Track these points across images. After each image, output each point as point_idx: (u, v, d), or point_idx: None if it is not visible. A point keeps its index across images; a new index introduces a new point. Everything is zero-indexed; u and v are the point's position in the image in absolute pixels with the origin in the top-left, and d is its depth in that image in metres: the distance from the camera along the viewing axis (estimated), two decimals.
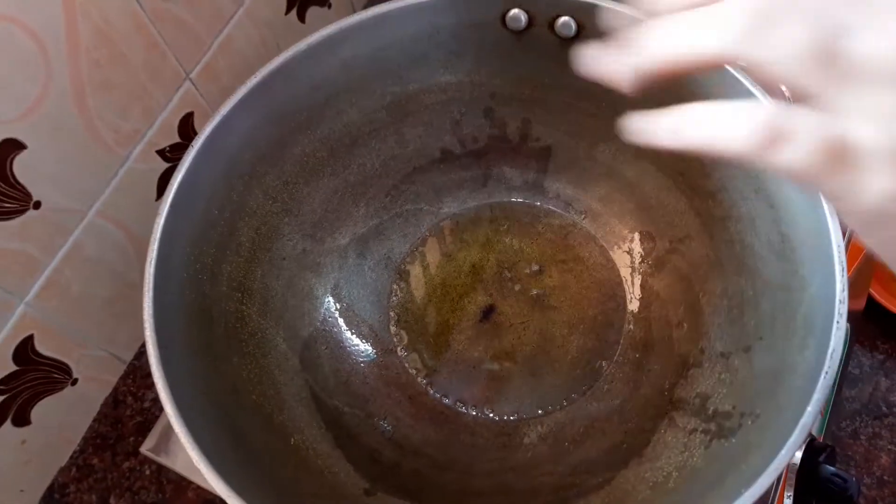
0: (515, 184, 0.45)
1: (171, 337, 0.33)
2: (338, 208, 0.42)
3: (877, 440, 0.54)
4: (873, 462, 0.53)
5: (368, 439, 0.37)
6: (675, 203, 0.40)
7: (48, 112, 0.48)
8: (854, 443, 0.54)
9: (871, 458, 0.53)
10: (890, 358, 0.57)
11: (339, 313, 0.41)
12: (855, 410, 0.55)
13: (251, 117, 0.38)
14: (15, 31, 0.44)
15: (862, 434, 0.54)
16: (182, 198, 0.35)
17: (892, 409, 0.55)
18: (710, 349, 0.36)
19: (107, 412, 0.62)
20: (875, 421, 0.54)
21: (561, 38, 0.40)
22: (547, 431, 0.38)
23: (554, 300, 0.42)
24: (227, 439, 0.31)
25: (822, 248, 0.31)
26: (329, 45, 0.39)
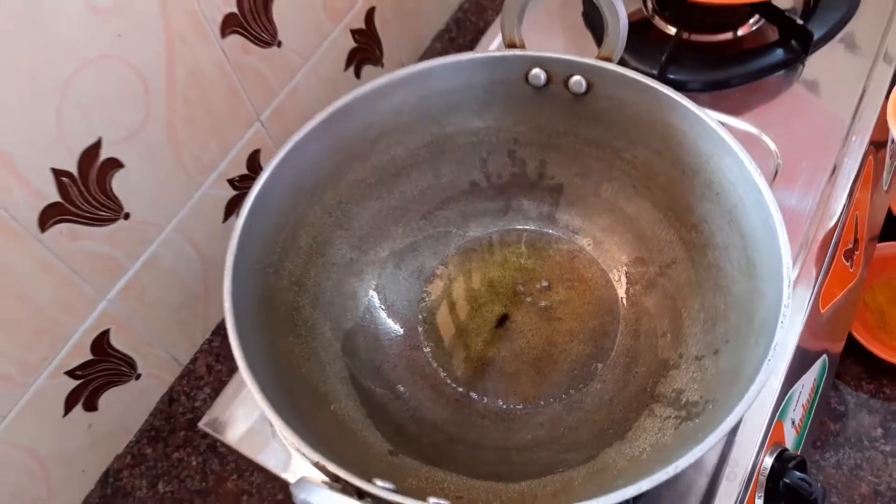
0: (531, 214, 0.53)
1: (242, 315, 0.40)
2: (381, 226, 0.51)
3: (858, 471, 0.58)
4: (854, 490, 0.58)
5: (394, 415, 0.44)
6: (665, 234, 0.47)
7: (145, 138, 0.57)
8: (837, 472, 0.58)
9: (852, 486, 0.58)
10: (873, 397, 0.62)
11: (376, 312, 0.49)
12: (839, 443, 0.60)
13: (316, 146, 0.47)
14: (126, 70, 0.54)
15: (844, 465, 0.59)
16: (257, 206, 0.43)
17: (874, 444, 0.59)
18: (687, 354, 0.43)
19: (162, 408, 0.70)
20: (857, 453, 0.59)
21: (574, 94, 0.48)
22: (546, 419, 0.44)
23: (559, 312, 0.49)
24: (281, 398, 0.38)
25: (777, 268, 0.37)
26: (383, 92, 0.48)
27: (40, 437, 0.59)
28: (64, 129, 0.51)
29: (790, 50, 0.61)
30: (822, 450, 0.59)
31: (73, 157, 0.52)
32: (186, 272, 0.67)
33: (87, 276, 0.57)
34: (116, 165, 0.56)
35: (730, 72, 0.61)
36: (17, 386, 0.55)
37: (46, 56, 0.48)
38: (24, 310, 0.53)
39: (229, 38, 0.61)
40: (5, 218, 0.49)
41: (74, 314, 0.58)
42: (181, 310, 0.68)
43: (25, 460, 0.58)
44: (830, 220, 0.52)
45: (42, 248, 0.53)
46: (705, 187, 0.44)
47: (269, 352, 0.40)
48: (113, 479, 0.66)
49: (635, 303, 0.48)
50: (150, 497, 0.65)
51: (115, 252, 0.59)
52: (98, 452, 0.66)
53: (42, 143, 0.50)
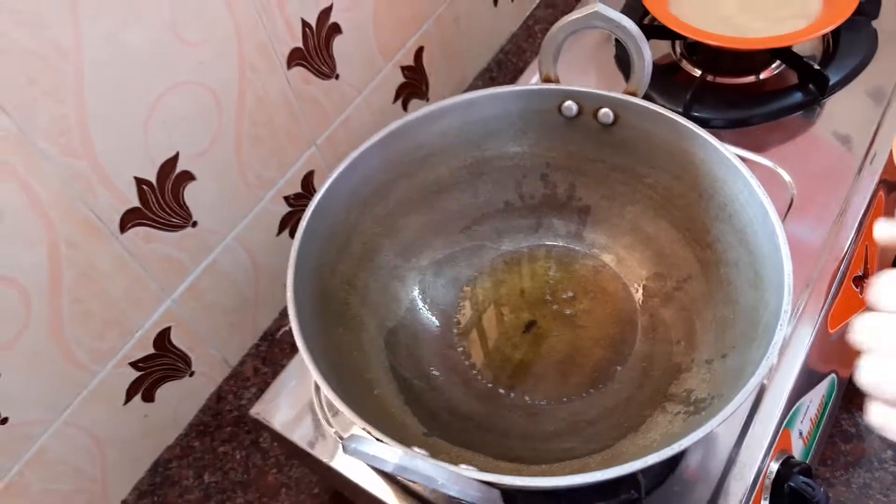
0: (560, 232, 0.58)
1: (300, 304, 0.45)
2: (423, 237, 0.56)
3: (867, 489, 0.60)
4: None
5: (429, 404, 0.48)
6: (682, 251, 0.51)
7: (215, 154, 0.64)
8: (846, 490, 0.61)
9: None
10: None
11: (416, 313, 0.54)
12: (849, 462, 0.62)
13: (370, 163, 0.52)
14: (204, 93, 0.60)
15: (854, 483, 0.61)
16: (318, 212, 0.49)
17: (883, 465, 0.62)
18: (699, 358, 0.47)
19: (210, 405, 0.75)
20: (866, 473, 0.61)
21: (602, 124, 0.54)
22: (568, 414, 0.48)
23: (582, 321, 0.53)
24: (332, 379, 0.43)
25: (779, 278, 0.42)
26: (431, 118, 0.54)
27: (101, 422, 0.64)
28: (149, 143, 0.58)
29: (808, 93, 0.66)
30: (832, 468, 0.62)
31: (154, 168, 0.59)
32: (241, 279, 0.73)
33: (156, 275, 0.63)
34: (189, 178, 0.63)
35: (751, 111, 0.66)
36: (87, 373, 0.61)
37: (140, 79, 0.55)
38: (100, 303, 0.59)
39: (294, 69, 0.68)
40: (91, 219, 0.56)
41: (142, 310, 0.64)
42: (233, 314, 0.74)
43: (86, 442, 0.64)
44: (840, 247, 0.56)
45: (120, 248, 0.59)
46: (719, 209, 0.48)
47: (322, 339, 0.45)
48: (162, 468, 0.72)
49: (653, 314, 0.52)
50: (195, 486, 0.70)
51: (181, 255, 0.65)
52: (150, 442, 0.71)
53: (129, 153, 0.56)
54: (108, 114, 0.54)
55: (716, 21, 0.67)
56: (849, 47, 0.69)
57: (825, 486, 0.62)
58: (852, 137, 0.64)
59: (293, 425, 0.55)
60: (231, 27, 0.60)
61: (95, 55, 0.51)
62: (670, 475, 0.48)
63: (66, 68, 0.50)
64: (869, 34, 0.69)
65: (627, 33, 0.49)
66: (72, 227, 0.55)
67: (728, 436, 0.49)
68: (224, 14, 0.59)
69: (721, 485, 0.48)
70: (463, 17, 0.90)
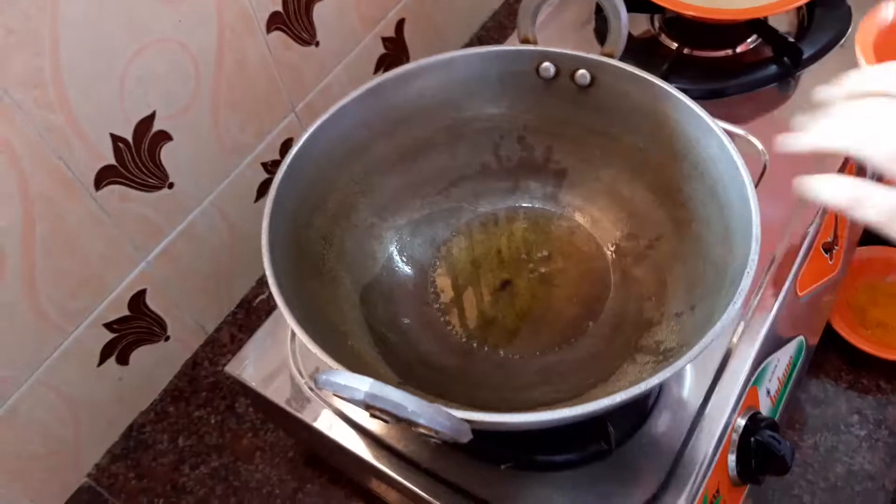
0: (537, 194, 0.58)
1: (276, 254, 0.45)
2: (401, 198, 0.56)
3: (833, 452, 0.62)
4: (829, 470, 0.61)
5: (404, 357, 0.49)
6: (656, 212, 0.52)
7: (192, 115, 0.64)
8: (814, 452, 0.62)
9: (827, 466, 0.61)
10: (851, 387, 0.66)
11: (392, 272, 0.54)
12: (816, 426, 0.63)
13: (347, 120, 0.52)
14: (182, 53, 0.60)
15: (821, 446, 0.62)
16: (294, 165, 0.49)
17: (850, 429, 0.63)
18: (669, 312, 0.48)
19: (186, 371, 0.75)
20: (834, 436, 0.63)
21: (579, 86, 0.54)
22: (540, 368, 0.49)
23: (557, 280, 0.54)
24: (309, 329, 0.43)
25: (748, 230, 0.42)
26: (409, 78, 0.54)
27: (74, 383, 0.64)
28: (125, 100, 0.57)
29: (782, 65, 0.67)
30: (800, 432, 0.63)
31: (130, 126, 0.59)
32: (218, 245, 0.73)
33: (131, 236, 0.63)
34: (166, 138, 0.62)
35: (726, 83, 0.67)
36: (59, 332, 0.61)
37: (117, 34, 0.54)
38: (73, 260, 0.59)
39: (274, 33, 0.68)
40: (66, 173, 0.56)
41: (116, 270, 0.64)
42: (210, 280, 0.74)
43: (58, 403, 0.63)
44: (810, 214, 0.57)
45: (94, 205, 0.59)
46: (692, 168, 0.49)
47: (297, 291, 0.45)
48: (137, 432, 0.71)
49: (625, 272, 0.53)
50: (169, 450, 0.70)
51: (157, 217, 0.65)
52: (125, 406, 0.71)
53: (105, 110, 0.56)
54: (83, 68, 0.53)
55: None
56: (823, 21, 0.70)
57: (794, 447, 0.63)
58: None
59: (267, 382, 0.55)
60: None
61: (72, 8, 0.51)
62: (639, 429, 0.49)
63: (42, 20, 0.50)
64: (843, 9, 0.71)
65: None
66: (46, 181, 0.54)
67: (697, 392, 0.50)
68: None
69: (689, 438, 0.48)
70: None
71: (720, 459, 0.49)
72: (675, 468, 0.48)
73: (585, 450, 0.48)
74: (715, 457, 0.48)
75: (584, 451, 0.48)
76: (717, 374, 0.50)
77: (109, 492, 0.68)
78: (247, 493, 0.66)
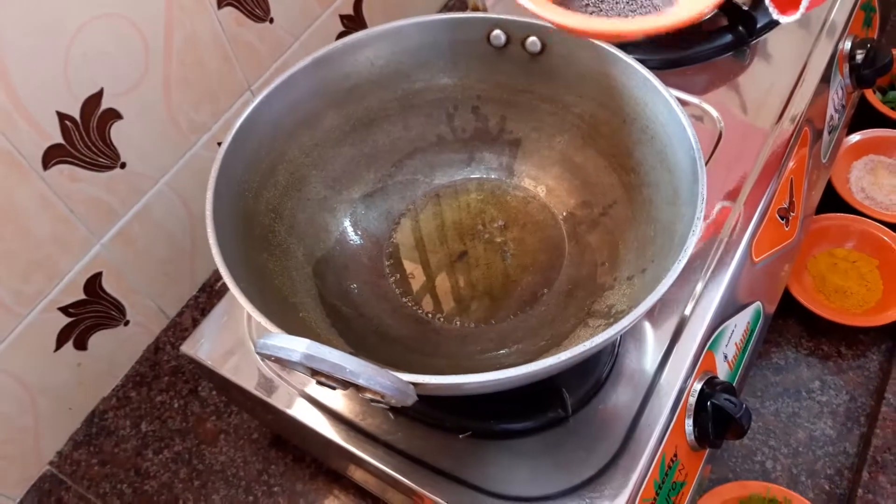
0: (492, 165, 0.58)
1: (222, 229, 0.45)
2: (354, 170, 0.56)
3: (795, 418, 0.62)
4: (791, 436, 0.62)
5: (358, 329, 0.48)
6: (608, 179, 0.52)
7: (143, 93, 0.62)
8: (775, 419, 0.63)
9: (789, 432, 0.62)
10: (811, 354, 0.66)
11: (346, 245, 0.54)
12: (778, 393, 0.64)
13: (296, 91, 0.52)
14: (128, 28, 0.59)
15: (783, 413, 0.63)
16: (240, 135, 0.48)
17: (811, 395, 0.64)
18: (621, 276, 0.47)
19: (148, 356, 0.74)
20: (795, 402, 0.63)
21: (530, 53, 0.54)
22: (495, 335, 0.49)
23: (512, 249, 0.54)
24: (256, 301, 0.43)
25: (695, 192, 0.42)
26: (359, 46, 0.53)
27: (31, 369, 0.63)
28: (69, 76, 0.56)
29: (737, 34, 0.67)
30: (762, 399, 0.64)
31: (77, 103, 0.58)
32: (176, 227, 0.72)
33: (83, 217, 0.62)
34: (115, 116, 0.61)
35: (683, 52, 0.67)
36: (12, 315, 0.60)
37: (58, 7, 0.53)
38: (23, 242, 0.58)
39: (225, 8, 0.67)
40: (11, 151, 0.54)
41: (70, 252, 0.62)
42: (169, 263, 0.73)
43: (15, 389, 0.62)
44: (765, 180, 0.57)
45: (43, 185, 0.58)
46: (641, 132, 0.49)
47: (246, 262, 0.45)
48: (98, 419, 0.70)
49: (579, 240, 0.52)
50: (133, 435, 0.69)
51: (110, 198, 0.64)
52: (85, 392, 0.70)
53: (49, 86, 0.55)
54: (25, 43, 0.52)
55: None
56: None
57: (756, 415, 0.63)
58: (779, 77, 0.65)
59: (224, 360, 0.54)
60: None
61: None
62: (596, 395, 0.49)
63: None
64: None
65: None
66: None
67: (653, 357, 0.50)
68: None
69: (645, 404, 0.48)
70: None
71: (677, 424, 0.49)
72: (631, 433, 0.48)
73: (543, 417, 0.48)
74: (671, 421, 0.49)
75: (541, 418, 0.48)
76: (673, 340, 0.50)
77: (72, 479, 0.67)
78: (211, 475, 0.65)
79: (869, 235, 0.71)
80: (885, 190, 0.74)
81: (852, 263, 0.70)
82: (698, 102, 0.62)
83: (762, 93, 0.64)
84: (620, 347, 0.50)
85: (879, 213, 0.72)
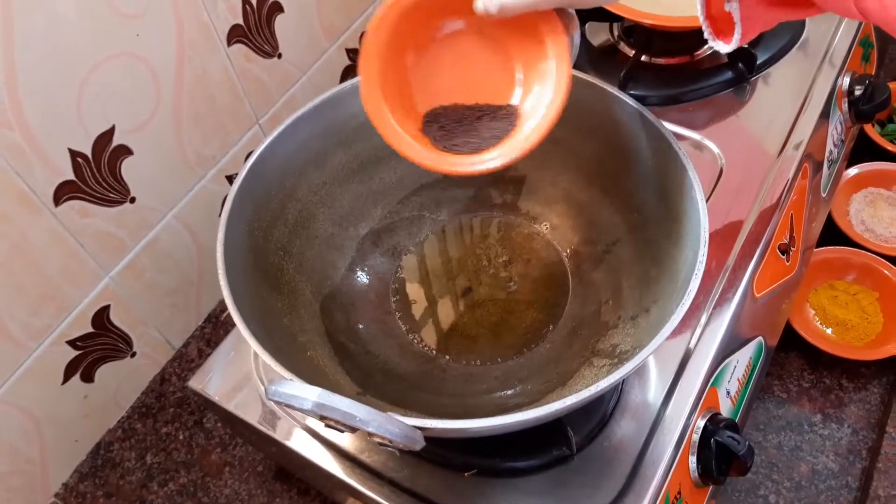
0: (497, 202, 0.59)
1: (232, 265, 0.45)
2: (361, 207, 0.56)
3: (797, 452, 0.63)
4: (794, 469, 0.62)
5: (364, 366, 0.49)
6: (612, 217, 0.53)
7: (153, 129, 0.63)
8: (778, 453, 0.63)
9: (792, 466, 0.62)
10: (813, 387, 0.67)
11: (353, 281, 0.54)
12: (780, 426, 0.64)
13: (306, 130, 0.53)
14: (141, 67, 0.60)
15: (785, 446, 0.63)
16: (251, 175, 0.49)
17: (813, 428, 0.64)
18: (625, 315, 0.48)
19: (154, 387, 0.74)
20: (797, 436, 0.64)
21: None
22: (501, 374, 0.49)
23: (517, 286, 0.55)
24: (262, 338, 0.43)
25: (697, 234, 0.43)
26: None
27: (39, 401, 0.63)
28: (82, 114, 0.57)
29: (737, 71, 0.68)
30: (764, 432, 0.64)
31: (89, 140, 0.59)
32: (183, 258, 0.73)
33: (93, 251, 0.63)
34: (126, 152, 0.62)
35: (683, 88, 0.68)
36: (21, 349, 0.60)
37: (73, 48, 0.54)
38: (33, 276, 0.59)
39: (235, 46, 0.68)
40: (24, 189, 0.55)
41: (79, 286, 0.63)
42: (176, 294, 0.74)
43: (23, 421, 0.63)
44: (765, 216, 0.58)
45: (54, 221, 0.58)
46: (643, 172, 0.50)
47: (254, 301, 0.45)
48: (104, 451, 0.71)
49: (583, 277, 0.53)
50: (138, 468, 0.69)
51: (120, 232, 0.65)
52: (91, 424, 0.70)
53: (62, 124, 0.56)
54: (40, 83, 0.53)
55: (648, 3, 0.69)
56: (776, 28, 0.71)
57: (758, 449, 0.63)
58: (779, 112, 0.66)
59: (231, 396, 0.54)
60: (168, 0, 0.59)
61: (27, 24, 0.50)
62: (601, 432, 0.49)
63: None
64: None
65: None
66: (4, 198, 0.54)
67: (657, 394, 0.50)
68: None
69: (649, 441, 0.49)
70: None
71: (681, 461, 0.50)
72: (636, 471, 0.48)
73: (548, 455, 0.48)
74: (675, 458, 0.49)
75: (546, 456, 0.48)
76: (677, 376, 0.51)
77: None
78: None
79: (869, 268, 0.71)
80: (884, 222, 0.75)
81: (853, 296, 0.71)
82: (699, 138, 0.63)
83: (762, 128, 0.65)
84: (625, 383, 0.50)
85: (879, 246, 0.73)
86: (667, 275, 0.46)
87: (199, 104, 0.67)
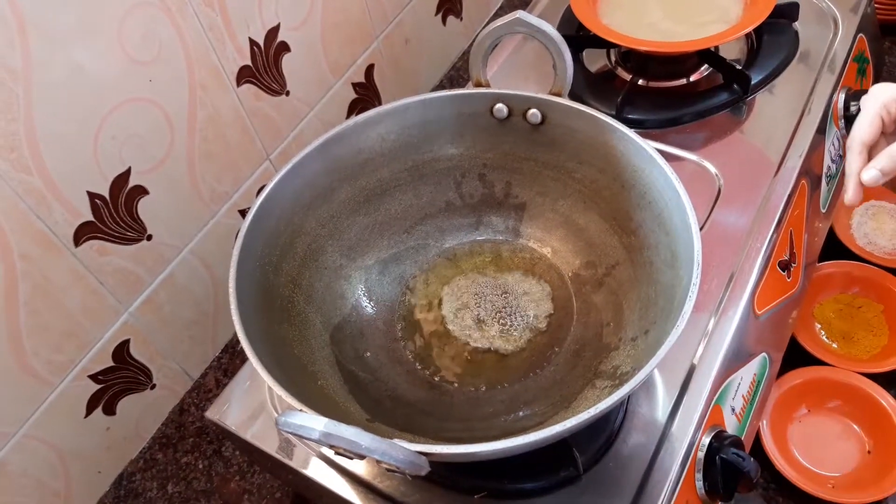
0: (499, 228, 0.60)
1: (243, 300, 0.47)
2: (368, 238, 0.58)
3: None
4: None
5: (374, 394, 0.50)
6: (610, 240, 0.54)
7: (168, 169, 0.66)
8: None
9: None
10: None
11: (362, 311, 0.56)
12: None
13: (313, 166, 0.55)
14: (154, 110, 0.63)
15: None
16: (261, 212, 0.51)
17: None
18: (626, 337, 0.49)
19: (173, 417, 0.76)
20: None
21: (531, 124, 0.57)
22: (506, 397, 0.51)
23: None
24: (274, 369, 0.45)
25: (691, 257, 0.44)
26: (370, 123, 0.56)
27: (63, 435, 0.66)
28: (99, 158, 0.60)
29: (732, 92, 0.70)
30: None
31: (106, 182, 0.61)
32: (200, 291, 0.75)
33: (112, 288, 0.65)
34: (142, 192, 0.65)
35: (680, 111, 0.70)
36: (45, 385, 0.62)
37: (89, 95, 0.57)
38: (56, 315, 0.61)
39: (244, 86, 0.71)
40: (45, 232, 0.58)
41: (99, 322, 0.65)
42: (193, 326, 0.76)
43: (48, 455, 0.65)
44: (764, 233, 0.59)
45: (74, 261, 0.61)
46: (640, 197, 0.51)
47: (266, 333, 0.47)
48: (126, 481, 0.72)
49: (585, 300, 0.55)
50: (159, 497, 0.71)
51: (138, 269, 0.67)
52: (114, 455, 0.72)
53: (80, 168, 0.59)
54: (58, 130, 0.56)
55: (644, 28, 0.71)
56: (770, 48, 0.73)
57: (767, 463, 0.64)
58: (775, 131, 0.67)
59: (248, 425, 0.56)
60: (179, 46, 0.62)
61: (45, 75, 0.53)
62: (606, 453, 0.50)
63: (15, 88, 0.52)
64: (790, 35, 0.74)
65: (548, 37, 0.52)
66: (26, 241, 0.56)
67: (661, 413, 0.51)
68: (172, 34, 0.61)
69: (655, 459, 0.50)
70: (412, 37, 0.93)
71: (687, 478, 0.51)
72: (642, 489, 0.49)
73: (556, 476, 0.49)
74: (681, 476, 0.50)
75: (554, 477, 0.49)
76: (681, 395, 0.52)
77: None
78: None
79: (873, 281, 0.72)
80: (887, 235, 0.76)
81: (857, 309, 0.71)
82: (697, 159, 0.64)
83: (759, 147, 0.66)
84: (632, 402, 0.51)
85: (882, 259, 0.74)
86: (664, 296, 0.47)
87: (211, 143, 0.69)
